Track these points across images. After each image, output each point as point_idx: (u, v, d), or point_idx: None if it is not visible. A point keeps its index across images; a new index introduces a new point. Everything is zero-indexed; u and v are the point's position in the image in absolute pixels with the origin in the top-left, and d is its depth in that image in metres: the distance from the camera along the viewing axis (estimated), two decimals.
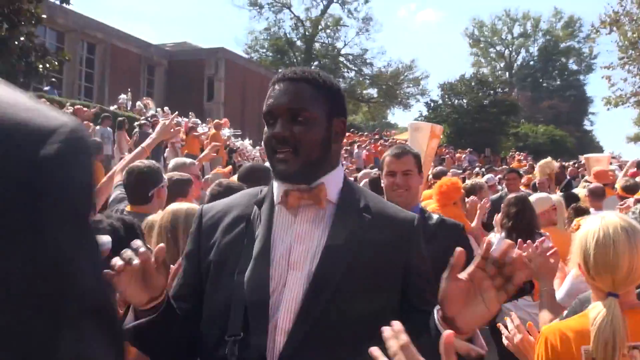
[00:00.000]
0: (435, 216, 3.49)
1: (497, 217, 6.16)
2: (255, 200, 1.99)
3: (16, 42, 15.75)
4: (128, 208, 4.38)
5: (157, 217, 3.54)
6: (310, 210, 1.90)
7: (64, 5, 18.46)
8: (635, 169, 12.75)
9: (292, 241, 1.86)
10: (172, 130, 6.04)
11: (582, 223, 3.37)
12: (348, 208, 1.91)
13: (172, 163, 6.11)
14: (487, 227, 7.42)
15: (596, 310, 2.33)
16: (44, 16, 17.40)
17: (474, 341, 1.58)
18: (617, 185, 9.45)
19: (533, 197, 6.98)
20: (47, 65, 17.41)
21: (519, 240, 3.29)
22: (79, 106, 18.18)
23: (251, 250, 1.86)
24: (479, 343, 1.61)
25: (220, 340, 1.80)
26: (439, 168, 13.93)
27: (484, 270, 1.55)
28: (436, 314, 1.59)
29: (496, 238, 5.61)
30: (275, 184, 1.94)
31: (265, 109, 1.90)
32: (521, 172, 12.08)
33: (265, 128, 1.87)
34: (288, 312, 1.76)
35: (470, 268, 1.55)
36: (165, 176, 4.79)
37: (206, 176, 8.22)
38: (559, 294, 4.17)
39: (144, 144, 5.51)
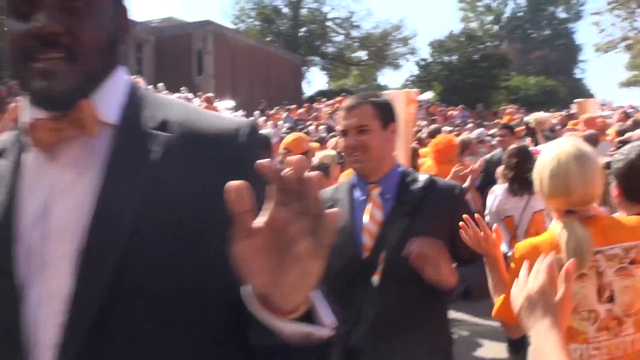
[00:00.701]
0: (423, 177, 2.77)
1: (499, 169, 6.25)
2: None
3: None
4: None
5: None
6: (76, 145, 1.21)
7: None
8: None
9: (49, 198, 1.19)
10: None
11: None
12: (135, 130, 1.22)
13: None
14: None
15: (559, 224, 2.47)
16: None
17: (314, 318, 1.03)
18: (611, 130, 9.60)
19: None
20: None
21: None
22: None
23: None
24: (321, 320, 1.04)
25: None
26: (433, 126, 14.48)
27: (287, 207, 0.92)
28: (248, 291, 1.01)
29: (501, 189, 5.58)
30: (23, 113, 1.27)
31: None
32: (513, 127, 12.25)
33: (10, 23, 1.18)
34: (51, 313, 1.11)
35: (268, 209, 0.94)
36: None
37: None
38: None
39: None
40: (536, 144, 9.26)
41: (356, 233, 2.52)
